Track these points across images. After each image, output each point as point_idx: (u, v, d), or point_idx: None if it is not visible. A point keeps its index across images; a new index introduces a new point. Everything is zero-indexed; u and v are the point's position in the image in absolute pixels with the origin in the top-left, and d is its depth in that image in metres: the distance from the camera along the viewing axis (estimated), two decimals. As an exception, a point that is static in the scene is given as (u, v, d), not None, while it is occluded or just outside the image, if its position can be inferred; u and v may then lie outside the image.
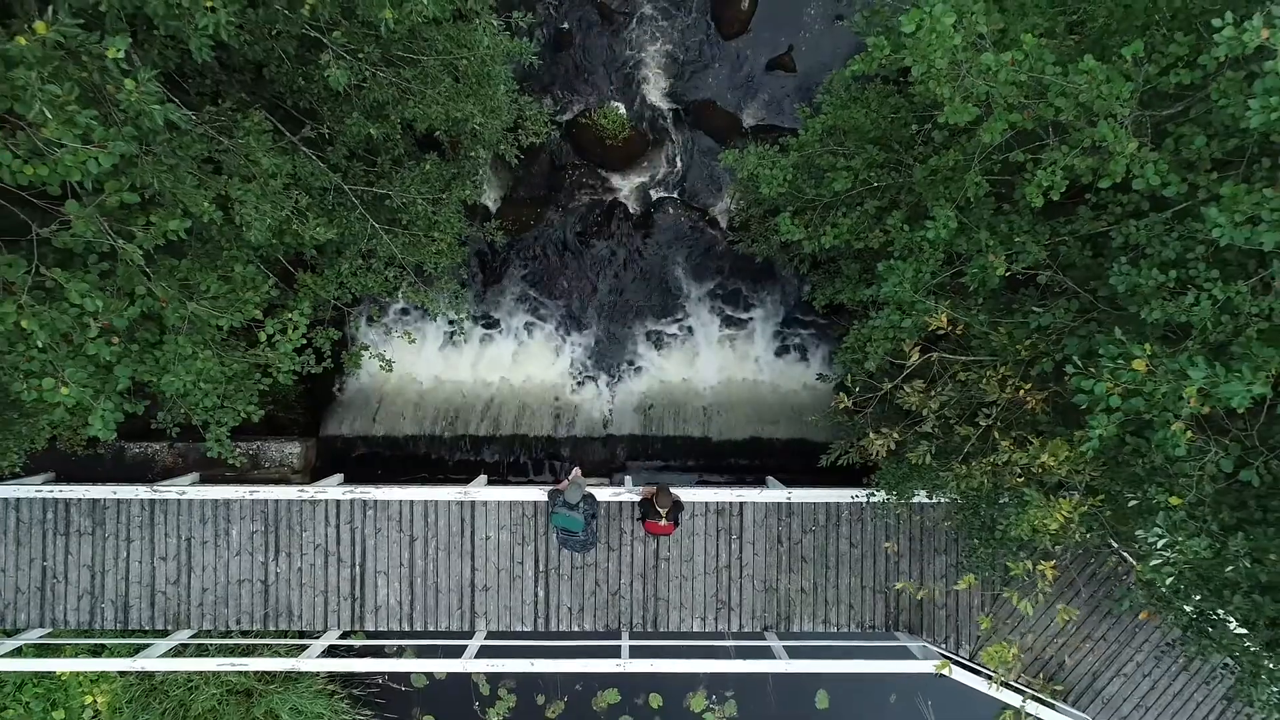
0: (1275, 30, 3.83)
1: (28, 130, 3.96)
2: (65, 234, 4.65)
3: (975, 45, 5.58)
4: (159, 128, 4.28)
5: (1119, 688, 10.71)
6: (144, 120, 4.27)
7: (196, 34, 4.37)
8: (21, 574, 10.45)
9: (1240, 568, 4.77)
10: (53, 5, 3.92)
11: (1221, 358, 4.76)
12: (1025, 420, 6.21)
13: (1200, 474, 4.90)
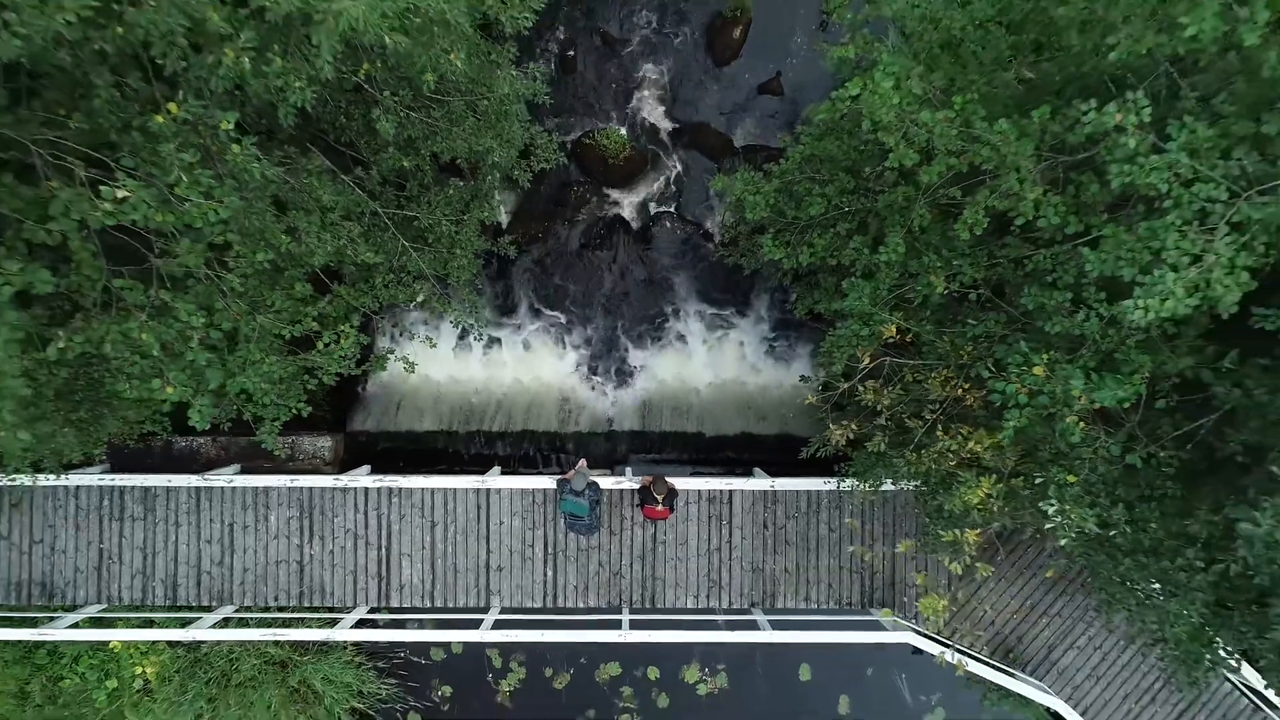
0: (1126, 114, 5.00)
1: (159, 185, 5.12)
2: (174, 263, 5.82)
3: (921, 99, 6.75)
4: (257, 182, 5.45)
5: (1073, 659, 11.89)
6: (244, 175, 5.44)
7: (284, 105, 5.54)
8: (80, 555, 11.64)
9: (1123, 533, 5.95)
10: (181, 90, 5.08)
11: (1108, 363, 5.95)
12: (965, 415, 7.38)
13: (1093, 457, 6.07)
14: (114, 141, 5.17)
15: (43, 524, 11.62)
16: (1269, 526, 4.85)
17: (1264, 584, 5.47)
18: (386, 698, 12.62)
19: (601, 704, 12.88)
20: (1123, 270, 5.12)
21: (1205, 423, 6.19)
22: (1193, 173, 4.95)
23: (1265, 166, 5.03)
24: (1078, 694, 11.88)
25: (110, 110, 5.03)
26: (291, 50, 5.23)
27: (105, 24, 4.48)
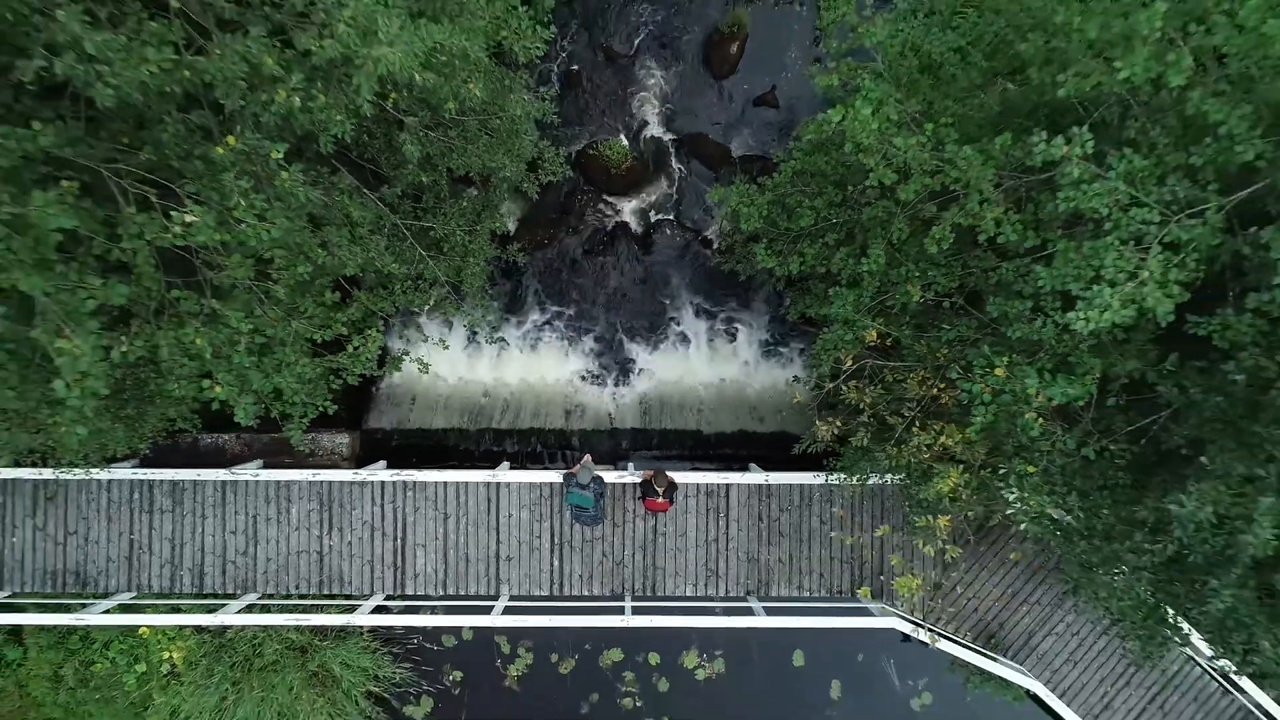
0: (1072, 147, 5.69)
1: (219, 208, 5.82)
2: (224, 276, 6.52)
3: (898, 124, 7.44)
4: (301, 204, 6.14)
5: (1051, 644, 12.58)
6: (290, 199, 6.14)
7: (325, 136, 6.24)
8: (112, 545, 12.34)
9: (1078, 518, 6.65)
10: (239, 125, 5.77)
11: (1063, 365, 6.64)
12: (941, 412, 8.08)
13: (1051, 450, 6.77)
14: (177, 169, 5.86)
15: (76, 516, 12.32)
16: (1192, 508, 5.54)
17: (1198, 561, 6.17)
18: (400, 682, 13.32)
19: (605, 689, 13.58)
20: (1069, 285, 5.80)
21: (1154, 419, 6.88)
22: (1130, 198, 5.65)
23: (1195, 191, 5.73)
24: (1056, 677, 12.57)
25: (175, 142, 5.72)
26: (333, 87, 5.92)
27: (177, 70, 5.17)
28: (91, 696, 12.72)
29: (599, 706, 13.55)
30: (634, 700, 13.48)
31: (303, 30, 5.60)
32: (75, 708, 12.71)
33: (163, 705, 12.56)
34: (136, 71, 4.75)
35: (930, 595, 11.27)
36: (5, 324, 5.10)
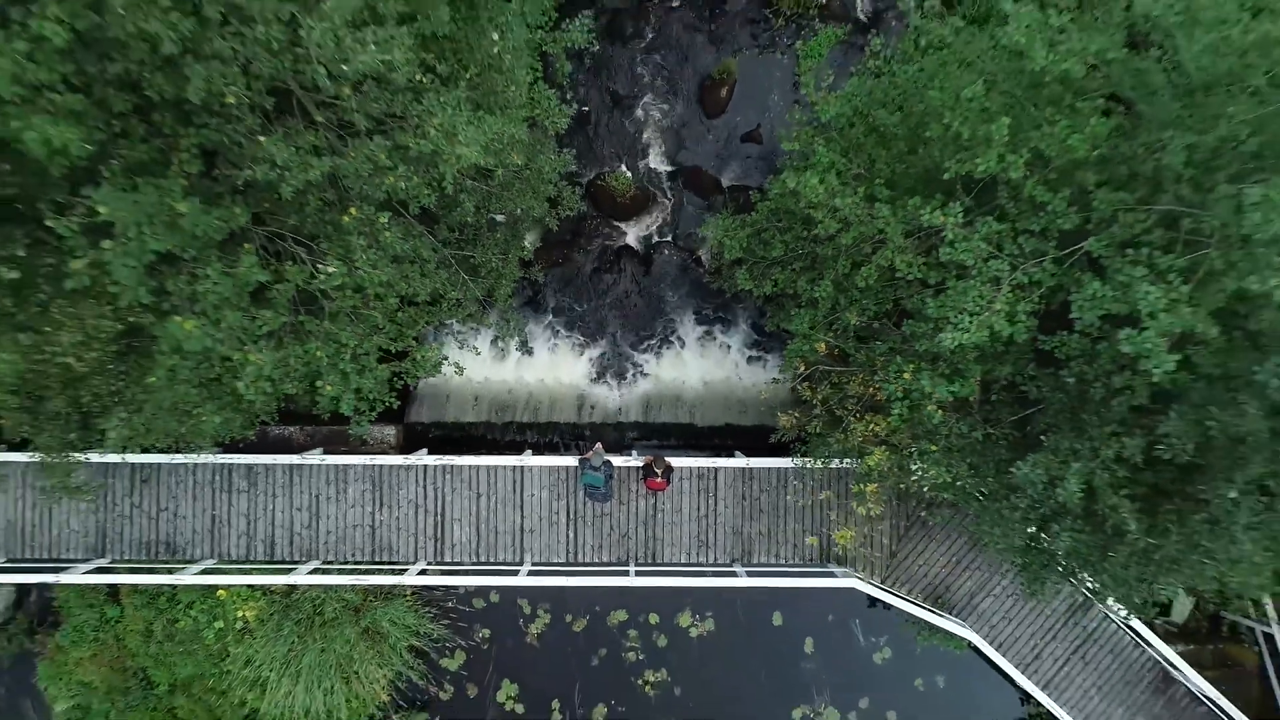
0: (947, 216, 8.15)
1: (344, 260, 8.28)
2: (335, 305, 8.98)
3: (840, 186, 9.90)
4: (399, 254, 8.59)
5: (990, 604, 15.05)
6: (389, 250, 8.60)
7: (414, 204, 8.70)
8: (197, 520, 14.83)
9: (967, 484, 9.12)
10: (359, 199, 8.22)
11: (956, 371, 9.11)
12: (877, 407, 10.56)
13: (949, 433, 9.25)
14: (313, 232, 8.32)
15: (167, 495, 14.82)
16: (1027, 472, 8.00)
17: (1045, 513, 8.65)
18: (438, 638, 15.81)
19: (611, 644, 16.07)
20: (947, 313, 8.26)
21: (1028, 411, 9.37)
22: (988, 252, 8.12)
23: (1037, 244, 8.18)
24: (994, 632, 15.05)
25: (315, 213, 8.16)
26: (422, 171, 8.37)
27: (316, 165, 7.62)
28: (176, 649, 15.18)
29: (606, 659, 16.04)
30: (636, 654, 15.97)
31: (402, 130, 8.06)
32: (163, 658, 15.17)
33: (238, 656, 15.01)
34: (306, 174, 7.18)
35: (864, 543, 13.74)
36: (202, 344, 7.52)
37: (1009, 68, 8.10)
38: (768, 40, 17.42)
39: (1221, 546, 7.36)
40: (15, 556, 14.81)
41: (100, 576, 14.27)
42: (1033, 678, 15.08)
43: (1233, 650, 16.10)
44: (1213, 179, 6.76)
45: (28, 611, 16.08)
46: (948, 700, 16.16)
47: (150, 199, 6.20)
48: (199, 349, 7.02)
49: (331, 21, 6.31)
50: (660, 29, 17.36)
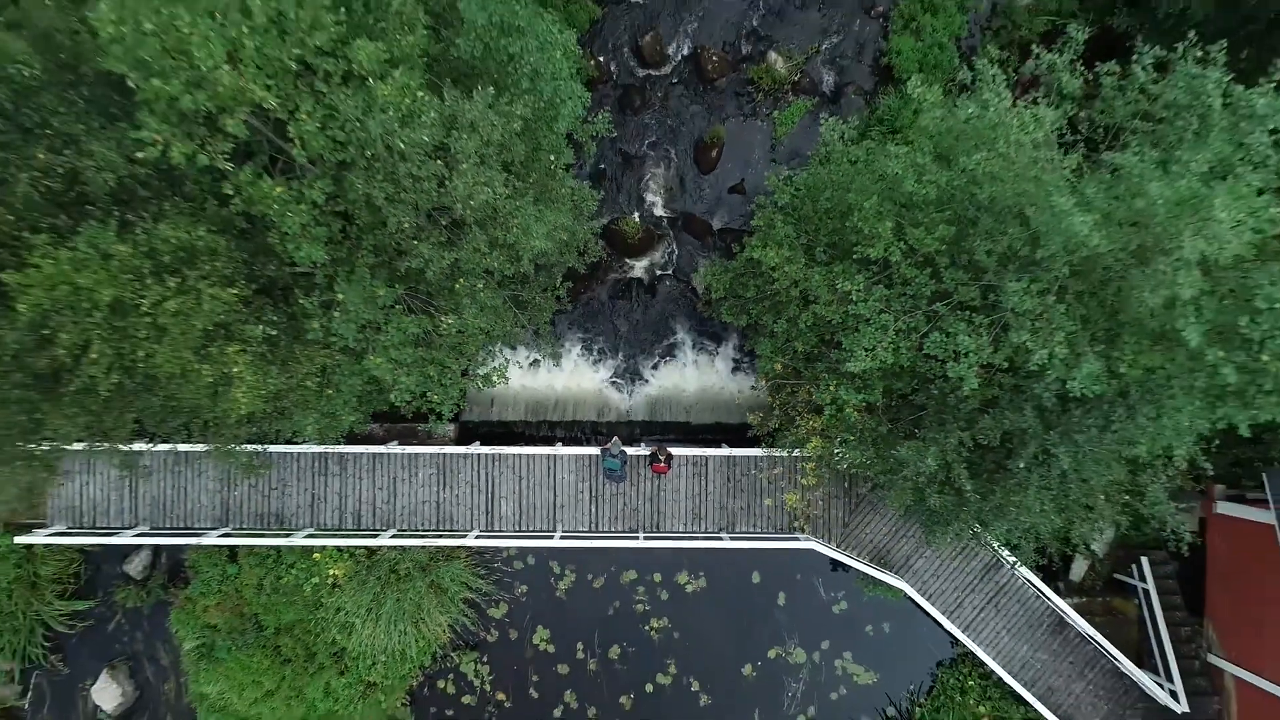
0: (854, 285, 12.61)
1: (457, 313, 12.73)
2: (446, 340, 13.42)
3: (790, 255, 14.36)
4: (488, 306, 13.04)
5: (922, 564, 19.53)
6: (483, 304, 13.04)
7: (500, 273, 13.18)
8: (301, 497, 19.31)
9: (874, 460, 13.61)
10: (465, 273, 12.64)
11: (868, 384, 13.60)
12: (820, 409, 15.05)
13: (864, 427, 13.76)
14: (433, 292, 12.76)
15: (277, 478, 19.31)
16: (903, 452, 12.47)
17: (921, 482, 13.14)
18: (486, 591, 20.34)
19: (624, 598, 20.58)
20: (854, 348, 12.71)
21: (916, 414, 13.87)
22: (879, 309, 12.59)
23: (911, 303, 12.63)
24: (925, 585, 19.52)
25: (438, 281, 12.56)
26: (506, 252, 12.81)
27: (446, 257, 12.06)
28: (281, 599, 19.67)
29: (620, 610, 20.57)
30: (643, 605, 20.49)
31: (495, 225, 12.51)
32: (271, 606, 19.67)
33: (330, 605, 19.51)
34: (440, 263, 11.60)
35: (810, 506, 18.26)
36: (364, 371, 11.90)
37: (893, 188, 12.55)
38: (750, 110, 21.91)
39: (1021, 500, 11.85)
40: (157, 525, 19.30)
41: (227, 540, 18.77)
42: (956, 622, 19.56)
43: (1118, 603, 20.62)
44: (1004, 271, 11.23)
45: (160, 570, 20.59)
46: (892, 642, 20.69)
47: (363, 286, 10.65)
48: (383, 375, 11.47)
49: (466, 178, 10.78)
50: (662, 101, 21.85)
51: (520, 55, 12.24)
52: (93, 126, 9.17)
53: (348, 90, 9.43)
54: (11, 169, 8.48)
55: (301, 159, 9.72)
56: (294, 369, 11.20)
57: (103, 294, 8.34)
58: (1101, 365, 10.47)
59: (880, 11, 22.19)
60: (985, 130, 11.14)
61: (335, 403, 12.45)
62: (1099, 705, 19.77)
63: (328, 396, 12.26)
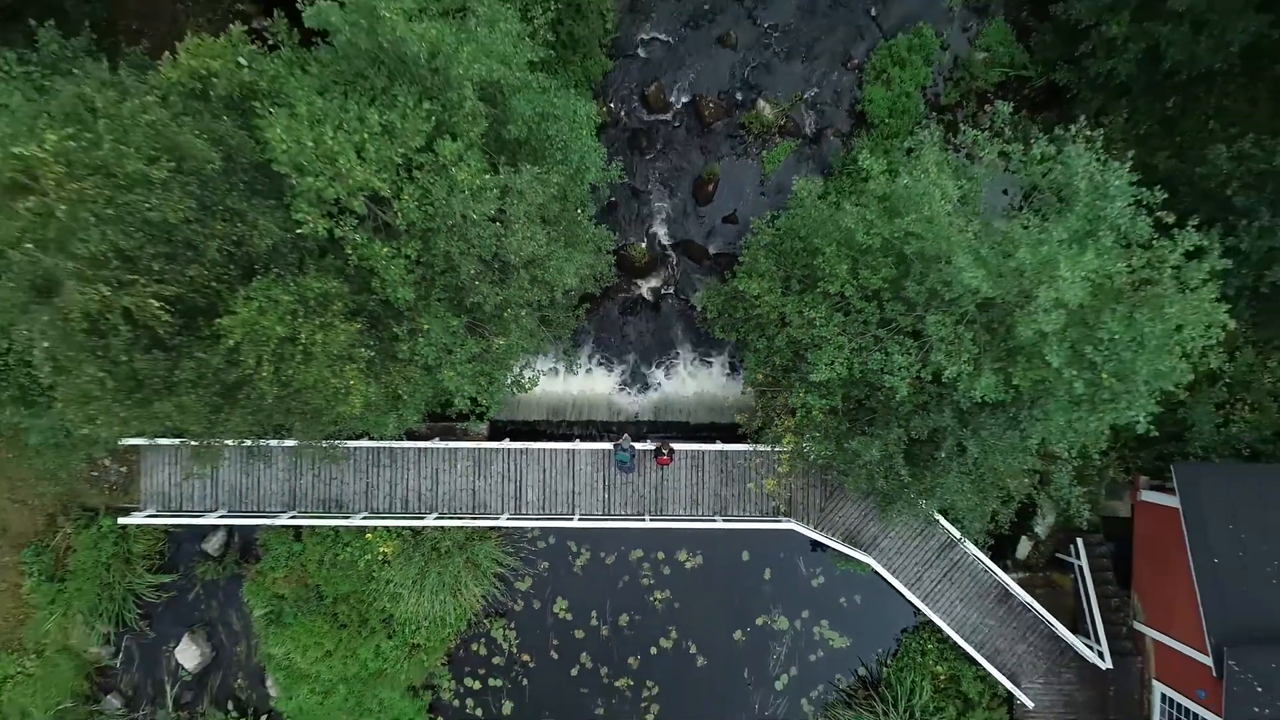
0: (816, 313, 16.33)
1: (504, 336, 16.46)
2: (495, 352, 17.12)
3: (770, 287, 18.13)
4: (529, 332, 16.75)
5: (888, 543, 23.28)
6: (526, 329, 16.75)
7: (538, 302, 16.88)
8: (357, 485, 23.05)
9: (836, 451, 17.36)
10: (513, 304, 16.34)
11: (829, 391, 17.39)
12: (792, 411, 18.82)
13: (827, 424, 17.55)
14: (483, 322, 16.45)
15: (336, 468, 23.03)
16: (853, 445, 16.17)
17: (872, 470, 16.88)
18: (513, 567, 24.11)
19: (632, 573, 24.34)
20: (816, 363, 16.42)
21: (870, 416, 17.62)
22: (837, 332, 16.33)
23: (860, 327, 16.37)
24: (890, 561, 23.27)
25: (494, 313, 16.23)
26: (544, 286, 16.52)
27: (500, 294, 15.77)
28: (338, 573, 23.41)
29: (628, 584, 24.35)
30: (648, 580, 24.26)
31: (536, 267, 16.21)
32: (330, 579, 23.40)
33: (380, 578, 23.25)
34: (496, 299, 15.30)
35: (787, 490, 21.98)
36: (436, 382, 15.62)
37: (848, 237, 16.25)
38: (742, 150, 25.69)
39: (944, 482, 15.58)
40: (234, 509, 23.02)
41: (294, 521, 22.51)
42: (916, 593, 23.31)
43: (1057, 577, 24.39)
44: (929, 306, 14.96)
45: (234, 548, 24.35)
46: (863, 611, 24.48)
47: (441, 319, 14.35)
48: (452, 385, 15.20)
49: (517, 235, 14.49)
50: (665, 143, 25.62)
51: (555, 135, 15.96)
52: (253, 203, 12.85)
53: (436, 178, 13.14)
54: (202, 237, 12.13)
55: (401, 226, 13.42)
56: (386, 381, 14.88)
57: (276, 329, 12.03)
58: (998, 378, 14.22)
59: (855, 64, 25.93)
60: (915, 197, 14.83)
61: (409, 406, 16.15)
62: (1038, 664, 23.53)
63: (404, 402, 15.96)
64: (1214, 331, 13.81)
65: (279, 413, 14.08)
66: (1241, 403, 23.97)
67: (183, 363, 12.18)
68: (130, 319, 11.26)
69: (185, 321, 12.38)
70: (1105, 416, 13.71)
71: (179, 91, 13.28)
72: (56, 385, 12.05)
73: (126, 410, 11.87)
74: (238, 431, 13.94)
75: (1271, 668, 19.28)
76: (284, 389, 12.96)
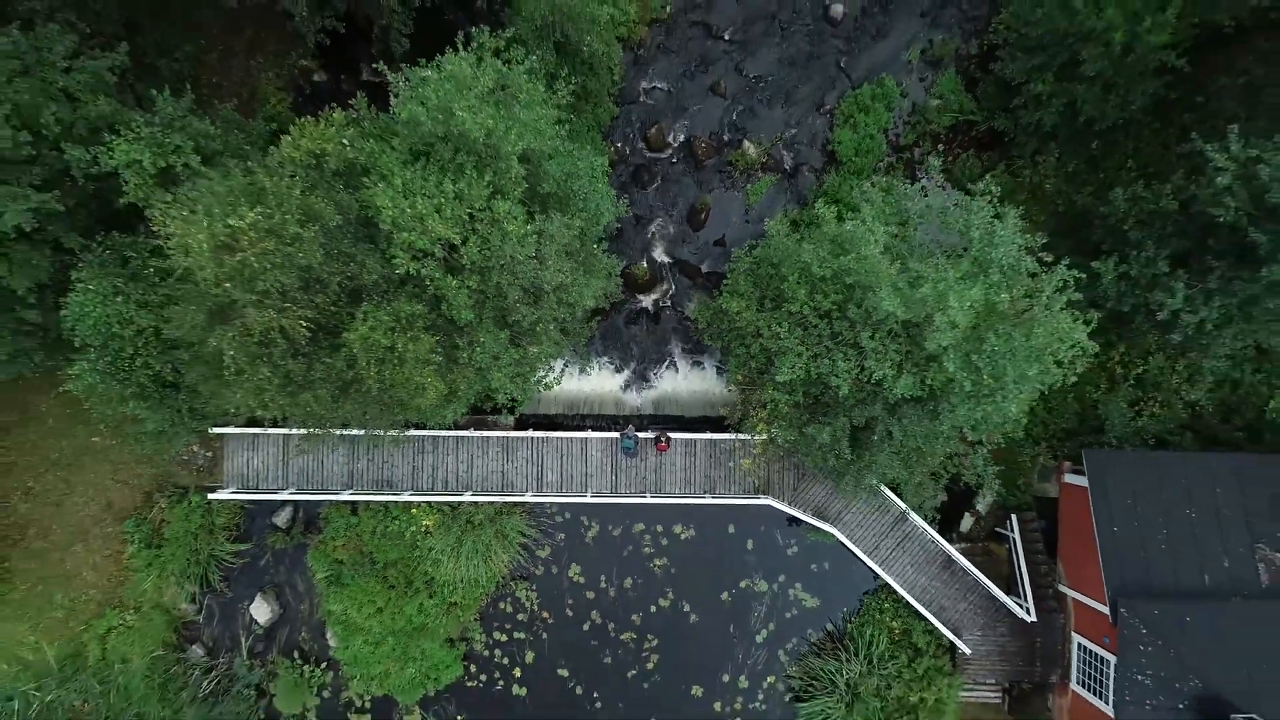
0: (780, 329, 21.39)
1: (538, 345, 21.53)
2: (530, 358, 22.17)
3: (748, 306, 23.26)
4: (557, 340, 21.80)
5: (850, 517, 28.39)
6: (553, 339, 21.80)
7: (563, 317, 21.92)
8: (404, 467, 28.16)
9: (798, 440, 22.46)
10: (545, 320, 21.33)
11: (795, 389, 22.54)
12: (764, 404, 23.97)
13: (791, 417, 22.68)
14: (521, 334, 21.47)
15: (387, 454, 28.10)
16: (810, 431, 21.19)
17: (825, 451, 21.98)
18: (534, 537, 29.25)
19: (635, 543, 29.48)
20: (784, 368, 21.48)
21: (825, 409, 22.74)
22: (798, 342, 21.41)
23: (815, 339, 21.46)
24: (853, 533, 28.37)
25: (528, 326, 21.21)
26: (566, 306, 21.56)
27: (536, 313, 20.84)
28: (387, 542, 28.53)
29: (631, 553, 29.49)
30: (649, 549, 29.41)
31: (563, 291, 21.28)
32: (381, 547, 28.52)
33: (423, 546, 28.36)
34: (533, 317, 20.30)
35: (762, 469, 27.09)
36: (486, 382, 20.65)
37: (806, 267, 21.26)
38: (730, 184, 30.80)
39: (878, 460, 20.65)
40: (301, 487, 28.09)
41: (352, 498, 27.58)
42: (874, 560, 28.43)
43: (994, 547, 29.52)
44: (865, 323, 20.00)
45: (299, 521, 29.45)
46: (831, 576, 29.60)
47: (493, 334, 19.42)
48: (498, 385, 20.29)
49: (550, 269, 19.55)
50: (664, 177, 30.70)
51: (578, 189, 21.03)
52: (359, 248, 17.89)
53: (493, 229, 18.20)
54: (327, 274, 17.16)
55: (466, 264, 18.47)
56: (450, 380, 19.93)
57: (381, 341, 17.11)
58: (915, 379, 19.29)
59: (828, 109, 31.03)
60: (855, 240, 19.84)
61: (461, 401, 21.22)
62: (977, 619, 28.64)
63: (459, 397, 21.02)
64: (1077, 346, 18.87)
65: (376, 404, 19.10)
66: (1152, 400, 29.12)
67: (315, 365, 17.29)
68: (285, 334, 16.31)
69: (313, 335, 17.46)
70: (987, 407, 18.73)
71: (300, 164, 18.33)
72: (238, 381, 17.17)
73: (284, 399, 16.98)
74: (349, 418, 19.02)
75: (1154, 614, 24.41)
76: (383, 385, 18.01)
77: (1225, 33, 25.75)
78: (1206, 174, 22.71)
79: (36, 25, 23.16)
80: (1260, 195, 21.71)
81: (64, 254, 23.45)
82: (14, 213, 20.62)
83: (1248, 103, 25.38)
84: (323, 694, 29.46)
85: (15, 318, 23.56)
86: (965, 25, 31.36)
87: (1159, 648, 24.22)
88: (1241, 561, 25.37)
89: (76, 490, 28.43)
